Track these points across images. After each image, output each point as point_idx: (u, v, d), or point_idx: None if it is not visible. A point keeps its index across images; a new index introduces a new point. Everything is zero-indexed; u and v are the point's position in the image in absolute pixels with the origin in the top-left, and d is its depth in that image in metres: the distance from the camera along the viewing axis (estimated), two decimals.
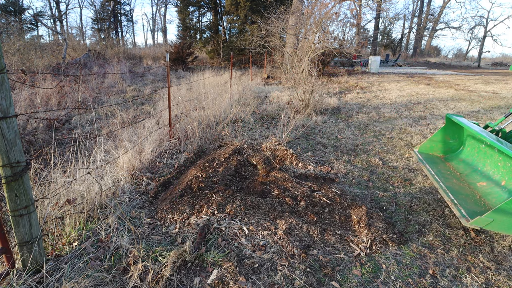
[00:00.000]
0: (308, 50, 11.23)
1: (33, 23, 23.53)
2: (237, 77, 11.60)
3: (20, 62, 9.75)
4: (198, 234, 2.34)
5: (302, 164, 4.06)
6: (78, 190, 2.62)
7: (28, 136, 4.52)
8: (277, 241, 2.33)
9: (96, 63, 13.33)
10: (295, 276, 2.00)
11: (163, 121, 5.08)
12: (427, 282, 2.09)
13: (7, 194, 1.69)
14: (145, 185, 3.26)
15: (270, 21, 13.04)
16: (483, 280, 2.15)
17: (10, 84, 1.61)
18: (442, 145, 3.31)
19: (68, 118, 5.94)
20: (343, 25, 14.51)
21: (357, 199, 3.24)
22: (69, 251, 2.11)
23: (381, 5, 17.02)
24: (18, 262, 1.85)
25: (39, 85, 7.65)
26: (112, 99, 8.02)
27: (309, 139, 5.27)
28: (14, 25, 16.85)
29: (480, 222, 2.14)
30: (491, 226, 2.12)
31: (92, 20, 32.73)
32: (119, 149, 3.72)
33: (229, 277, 1.93)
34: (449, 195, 2.60)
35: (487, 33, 30.74)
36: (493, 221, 2.11)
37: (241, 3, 18.17)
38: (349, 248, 2.42)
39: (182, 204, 2.77)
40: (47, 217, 2.30)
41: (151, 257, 2.07)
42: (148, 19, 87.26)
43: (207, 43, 22.04)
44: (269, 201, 2.97)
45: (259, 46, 14.26)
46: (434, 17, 30.82)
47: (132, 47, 29.77)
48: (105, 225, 2.38)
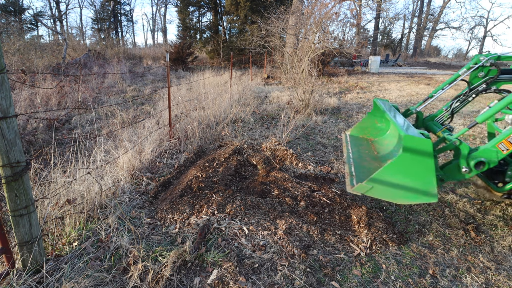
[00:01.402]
0: (308, 50, 11.23)
1: (33, 23, 23.54)
2: (237, 77, 11.60)
3: (20, 62, 9.75)
4: (198, 234, 2.34)
5: (302, 164, 4.06)
6: (78, 190, 2.62)
7: (28, 136, 4.52)
8: (277, 241, 2.33)
9: (96, 63, 13.33)
10: (295, 276, 2.00)
11: (163, 121, 5.08)
12: (427, 282, 2.09)
13: (7, 194, 1.69)
14: (145, 185, 3.26)
15: (270, 21, 13.04)
16: (483, 280, 2.15)
17: (10, 84, 1.61)
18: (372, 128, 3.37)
19: (68, 118, 5.94)
20: (343, 25, 14.52)
21: (357, 199, 3.24)
22: (69, 251, 2.11)
23: (381, 5, 17.03)
24: (18, 262, 1.85)
25: (39, 85, 7.65)
26: (112, 99, 8.02)
27: (309, 139, 5.27)
28: (14, 25, 16.85)
29: (361, 189, 2.22)
30: (371, 192, 2.21)
31: (92, 20, 32.75)
32: (119, 149, 3.72)
33: (229, 277, 1.93)
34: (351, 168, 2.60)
35: (487, 33, 30.76)
36: (372, 187, 2.20)
37: (241, 3, 18.18)
38: (349, 248, 2.42)
39: (182, 204, 2.77)
40: (47, 217, 2.31)
41: (151, 257, 2.07)
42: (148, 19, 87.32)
43: (207, 43, 22.05)
44: (269, 201, 2.97)
45: (259, 46, 14.26)
46: (434, 17, 30.83)
47: (132, 47, 29.78)
48: (105, 225, 2.38)
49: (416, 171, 2.09)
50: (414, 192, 2.15)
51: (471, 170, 2.25)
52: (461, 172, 2.29)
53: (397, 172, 2.12)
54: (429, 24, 31.30)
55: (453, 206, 3.23)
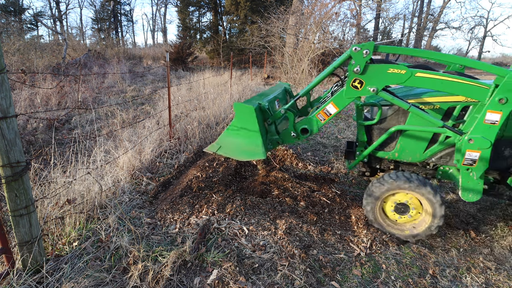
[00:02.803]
0: (308, 50, 11.23)
1: (33, 23, 23.53)
2: (237, 77, 11.60)
3: (20, 62, 9.75)
4: (198, 234, 2.34)
5: (302, 164, 4.06)
6: (78, 190, 2.62)
7: (28, 136, 4.52)
8: (277, 241, 2.33)
9: (96, 63, 13.32)
10: (295, 276, 2.00)
11: (163, 121, 5.08)
12: (427, 282, 2.09)
13: (7, 194, 1.69)
14: (145, 185, 3.26)
15: (270, 21, 13.03)
16: (483, 280, 2.15)
17: (10, 84, 1.61)
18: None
19: (68, 118, 5.94)
20: (343, 25, 14.50)
21: (357, 199, 3.24)
22: (69, 251, 2.11)
23: (381, 5, 17.02)
24: (18, 262, 1.85)
25: (39, 85, 7.65)
26: (112, 99, 8.02)
27: (309, 139, 5.27)
28: (14, 25, 16.85)
29: (212, 148, 2.68)
30: (220, 151, 2.64)
31: (92, 20, 32.72)
32: (119, 149, 3.72)
33: (229, 277, 1.93)
34: None
35: (487, 33, 30.76)
36: (220, 147, 2.64)
37: (241, 3, 18.18)
38: (349, 248, 2.42)
39: (182, 204, 2.77)
40: (47, 217, 2.30)
41: (151, 257, 2.07)
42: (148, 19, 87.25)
43: (207, 43, 22.06)
44: (269, 201, 2.97)
45: (259, 46, 14.26)
46: (434, 17, 30.81)
47: (132, 47, 29.75)
48: (105, 225, 2.38)
49: (245, 132, 2.51)
50: (247, 150, 2.53)
51: (298, 136, 2.61)
52: (291, 137, 2.63)
53: (234, 133, 2.57)
54: (429, 24, 31.28)
55: (453, 206, 3.23)
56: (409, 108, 2.28)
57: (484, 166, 2.21)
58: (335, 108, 2.44)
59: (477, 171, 2.24)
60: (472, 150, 2.17)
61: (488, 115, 2.07)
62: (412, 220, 2.59)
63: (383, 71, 2.25)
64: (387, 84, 2.28)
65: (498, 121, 2.07)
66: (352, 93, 2.35)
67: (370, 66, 2.26)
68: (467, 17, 56.49)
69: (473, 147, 2.16)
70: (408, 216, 2.57)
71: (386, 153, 2.72)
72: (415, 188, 2.40)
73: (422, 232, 2.49)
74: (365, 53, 2.20)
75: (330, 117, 2.49)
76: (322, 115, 2.49)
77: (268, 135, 2.67)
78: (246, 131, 2.51)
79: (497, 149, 2.47)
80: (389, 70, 2.23)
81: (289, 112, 2.58)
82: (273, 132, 2.67)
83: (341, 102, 2.41)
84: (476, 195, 2.31)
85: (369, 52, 2.19)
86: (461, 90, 2.15)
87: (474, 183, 2.29)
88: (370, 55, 2.22)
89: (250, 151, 2.52)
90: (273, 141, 2.69)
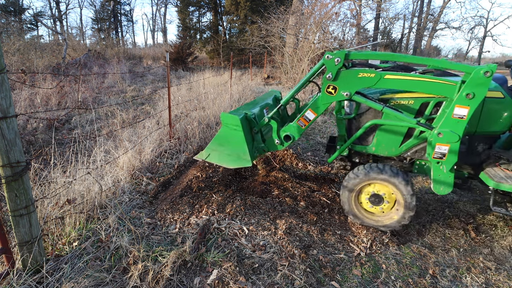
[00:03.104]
0: (308, 50, 11.23)
1: (33, 23, 23.52)
2: (237, 77, 11.60)
3: (20, 62, 9.74)
4: (198, 234, 2.34)
5: (302, 164, 4.06)
6: (78, 190, 2.62)
7: (28, 136, 4.52)
8: (277, 241, 2.33)
9: (96, 63, 13.32)
10: (295, 276, 2.00)
11: (163, 121, 5.08)
12: (427, 282, 2.09)
13: (7, 194, 1.69)
14: (145, 185, 3.26)
15: (270, 21, 13.03)
16: (483, 280, 2.15)
17: (10, 84, 1.61)
18: None
19: (68, 118, 5.94)
20: (343, 25, 14.49)
21: None
22: (69, 251, 2.11)
23: (381, 5, 17.02)
24: (18, 262, 1.85)
25: (39, 85, 7.65)
26: (112, 99, 8.02)
27: (309, 139, 5.27)
28: (14, 25, 16.84)
29: (201, 155, 2.85)
30: (209, 158, 2.80)
31: (92, 20, 32.71)
32: (119, 149, 3.72)
33: (229, 277, 1.93)
34: None
35: (487, 33, 30.76)
36: (209, 154, 2.80)
37: (241, 3, 18.18)
38: (349, 248, 2.42)
39: (182, 204, 2.77)
40: (47, 217, 2.30)
41: (151, 257, 2.07)
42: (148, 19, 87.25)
43: (207, 43, 22.05)
44: (269, 201, 2.97)
45: (259, 46, 14.25)
46: (434, 17, 30.79)
47: (132, 47, 29.73)
48: (105, 225, 2.38)
49: (232, 140, 2.63)
50: (234, 157, 2.66)
51: (282, 143, 2.71)
52: (275, 144, 2.74)
53: (221, 141, 2.71)
54: (429, 24, 31.27)
55: (453, 206, 3.23)
56: (383, 108, 2.37)
57: (453, 160, 2.27)
58: (314, 114, 2.56)
59: (447, 164, 2.29)
60: (441, 144, 2.24)
61: (456, 110, 2.15)
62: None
63: (354, 76, 2.35)
64: (359, 88, 2.37)
65: (466, 115, 2.13)
66: (327, 99, 2.47)
67: (342, 72, 2.37)
68: (467, 17, 56.54)
69: (442, 141, 2.22)
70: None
71: (364, 147, 2.79)
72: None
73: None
74: (337, 61, 2.31)
75: (310, 123, 2.59)
76: (302, 121, 2.61)
77: (254, 143, 2.77)
78: (233, 139, 2.62)
79: (470, 145, 2.57)
80: (359, 75, 2.34)
81: (272, 121, 2.68)
82: (259, 140, 2.77)
83: (318, 108, 2.53)
84: (447, 188, 2.38)
85: (340, 60, 2.30)
86: (428, 89, 2.24)
87: (444, 176, 2.36)
88: (342, 63, 2.32)
89: (237, 159, 2.65)
90: (259, 149, 2.78)
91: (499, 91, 2.42)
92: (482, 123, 2.47)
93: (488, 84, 2.03)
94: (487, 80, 2.02)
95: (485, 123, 2.47)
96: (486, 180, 2.39)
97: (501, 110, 2.42)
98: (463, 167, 2.68)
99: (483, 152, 2.58)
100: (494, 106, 2.43)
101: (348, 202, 2.69)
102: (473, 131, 2.52)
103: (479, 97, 2.06)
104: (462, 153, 2.52)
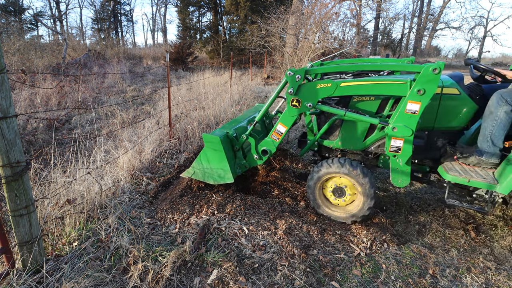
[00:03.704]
0: (308, 50, 11.23)
1: (33, 23, 23.51)
2: (237, 77, 11.59)
3: (20, 62, 9.74)
4: (198, 234, 2.34)
5: (302, 164, 4.06)
6: (78, 190, 2.62)
7: (28, 136, 4.52)
8: (277, 241, 2.33)
9: (96, 63, 13.32)
10: (295, 276, 2.00)
11: (163, 121, 5.08)
12: (427, 282, 2.09)
13: (7, 194, 1.69)
14: (145, 185, 3.26)
15: (270, 21, 13.03)
16: (483, 280, 2.15)
17: (10, 84, 1.61)
18: None
19: (68, 118, 5.94)
20: (343, 25, 14.50)
21: None
22: (69, 251, 2.11)
23: (381, 5, 17.02)
24: (18, 262, 1.85)
25: (39, 85, 7.65)
26: (112, 99, 8.02)
27: None
28: (14, 25, 16.84)
29: (187, 173, 3.03)
30: (194, 176, 2.98)
31: (92, 20, 32.71)
32: (119, 149, 3.72)
33: (229, 277, 1.93)
34: None
35: (487, 33, 30.77)
36: (194, 172, 2.96)
37: (241, 3, 18.17)
38: (349, 248, 2.42)
39: (182, 204, 2.77)
40: (47, 217, 2.30)
41: (151, 257, 2.07)
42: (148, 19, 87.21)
43: (207, 43, 22.03)
44: (269, 201, 2.97)
45: (259, 46, 14.25)
46: (434, 17, 30.79)
47: (132, 47, 29.73)
48: (105, 225, 2.38)
49: (214, 160, 2.80)
50: (216, 175, 2.84)
51: (261, 157, 2.86)
52: (255, 160, 2.89)
53: (204, 160, 2.86)
54: (429, 24, 31.27)
55: (453, 206, 3.23)
56: (345, 114, 2.51)
57: (408, 153, 2.37)
58: (284, 127, 2.72)
59: (403, 157, 2.40)
60: (396, 138, 2.34)
61: (408, 105, 2.25)
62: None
63: (314, 87, 2.52)
64: (320, 97, 2.53)
65: (418, 110, 2.23)
66: (293, 112, 2.63)
67: (302, 86, 2.53)
68: (467, 17, 56.50)
69: (397, 135, 2.32)
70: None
71: (331, 142, 2.91)
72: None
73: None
74: (297, 78, 2.48)
75: (282, 136, 2.74)
76: (275, 135, 2.76)
77: (236, 160, 2.93)
78: (215, 159, 2.80)
79: (429, 140, 2.67)
80: (318, 86, 2.50)
81: (250, 137, 2.83)
82: (241, 157, 2.93)
83: (287, 121, 2.68)
84: (404, 180, 2.50)
85: (300, 77, 2.48)
86: (382, 90, 2.37)
87: (401, 169, 2.47)
88: (302, 80, 2.50)
89: (219, 176, 2.83)
90: (241, 166, 2.95)
91: (455, 88, 2.50)
92: (440, 119, 2.57)
93: (438, 81, 2.13)
94: (436, 77, 2.11)
95: (442, 119, 2.57)
96: (442, 173, 2.49)
97: (457, 106, 2.51)
98: (424, 161, 2.77)
99: (442, 147, 2.67)
100: (450, 102, 2.52)
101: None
102: (431, 127, 2.62)
103: (430, 93, 2.16)
104: (422, 148, 2.63)
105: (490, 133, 2.34)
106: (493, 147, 2.35)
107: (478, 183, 2.30)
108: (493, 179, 2.29)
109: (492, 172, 2.40)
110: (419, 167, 2.82)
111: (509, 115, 2.26)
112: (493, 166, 2.40)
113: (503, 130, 2.31)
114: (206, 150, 2.82)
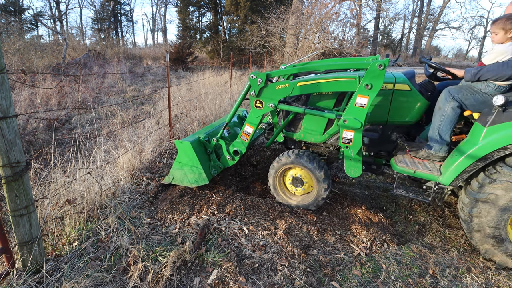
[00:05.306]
0: (308, 50, 11.23)
1: (33, 23, 23.51)
2: (237, 77, 11.59)
3: (20, 62, 9.74)
4: (198, 234, 2.34)
5: None
6: (78, 190, 2.62)
7: (28, 136, 4.52)
8: (277, 241, 2.33)
9: (96, 63, 13.31)
10: (295, 276, 2.00)
11: (163, 121, 5.08)
12: (427, 282, 2.09)
13: (7, 194, 1.69)
14: (145, 185, 3.26)
15: (270, 21, 13.03)
16: (483, 280, 2.15)
17: (10, 84, 1.61)
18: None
19: (68, 118, 5.94)
20: (343, 25, 14.49)
21: (357, 199, 3.24)
22: (69, 251, 2.11)
23: (381, 5, 17.01)
24: (18, 262, 1.85)
25: (39, 85, 7.65)
26: (112, 99, 8.02)
27: None
28: (14, 25, 16.84)
29: (167, 179, 3.11)
30: (174, 181, 3.06)
31: (92, 20, 32.69)
32: (119, 149, 3.72)
33: (229, 277, 1.93)
34: None
35: (487, 33, 30.75)
36: (173, 178, 3.06)
37: (241, 3, 18.16)
38: (349, 248, 2.42)
39: (182, 204, 2.77)
40: (47, 217, 2.30)
41: (151, 257, 2.07)
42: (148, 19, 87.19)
43: (207, 43, 22.02)
44: (269, 201, 2.98)
45: (259, 46, 14.25)
46: (434, 17, 30.79)
47: (132, 47, 29.70)
48: (105, 225, 2.38)
49: (188, 164, 2.91)
50: (192, 179, 2.93)
51: (233, 158, 2.98)
52: (228, 160, 3.01)
53: (180, 166, 2.98)
54: (429, 24, 31.26)
55: (453, 206, 3.23)
56: (304, 111, 2.63)
57: (358, 145, 2.48)
58: (251, 128, 2.85)
59: (354, 149, 2.51)
60: (347, 130, 2.45)
61: (358, 99, 2.35)
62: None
63: (273, 89, 2.65)
64: (280, 98, 2.66)
65: (366, 104, 2.33)
66: (258, 113, 2.77)
67: (264, 88, 2.67)
68: (467, 17, 56.52)
69: (348, 127, 2.43)
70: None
71: (294, 134, 3.04)
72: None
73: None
74: (259, 81, 2.63)
75: (251, 136, 2.86)
76: (244, 135, 2.89)
77: (211, 163, 3.05)
78: (189, 163, 2.91)
79: (384, 134, 2.79)
80: (277, 87, 2.64)
81: (220, 140, 2.99)
82: (215, 159, 3.05)
83: (253, 121, 2.81)
84: (357, 171, 2.61)
85: (262, 80, 2.62)
86: (334, 87, 2.51)
87: (353, 160, 2.58)
88: (263, 83, 2.63)
89: (195, 179, 2.92)
90: (216, 167, 3.05)
91: (406, 84, 2.60)
92: (392, 114, 2.70)
93: (383, 76, 2.23)
94: (381, 72, 2.22)
95: (395, 113, 2.69)
96: (392, 165, 2.62)
97: (409, 101, 2.63)
98: (380, 154, 2.91)
99: (396, 140, 2.80)
100: (401, 98, 2.63)
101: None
102: (384, 121, 2.75)
103: (376, 87, 2.27)
104: (376, 141, 2.79)
105: (438, 127, 2.44)
106: (441, 141, 2.44)
107: (423, 174, 2.42)
108: (438, 171, 2.40)
109: (440, 165, 2.49)
110: (375, 160, 2.93)
111: (455, 110, 2.36)
112: (442, 159, 2.49)
113: (450, 124, 2.40)
114: (180, 156, 2.95)
